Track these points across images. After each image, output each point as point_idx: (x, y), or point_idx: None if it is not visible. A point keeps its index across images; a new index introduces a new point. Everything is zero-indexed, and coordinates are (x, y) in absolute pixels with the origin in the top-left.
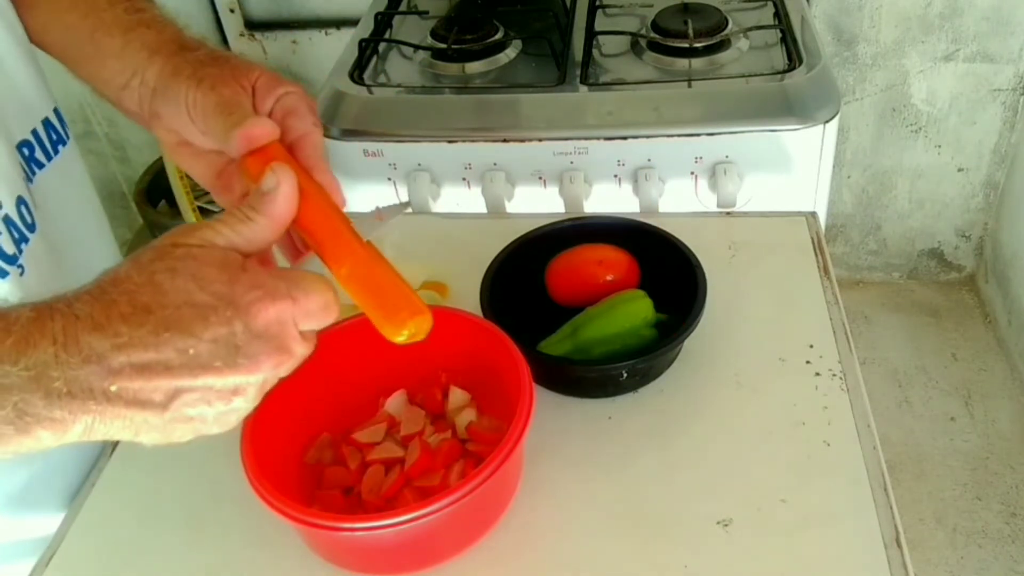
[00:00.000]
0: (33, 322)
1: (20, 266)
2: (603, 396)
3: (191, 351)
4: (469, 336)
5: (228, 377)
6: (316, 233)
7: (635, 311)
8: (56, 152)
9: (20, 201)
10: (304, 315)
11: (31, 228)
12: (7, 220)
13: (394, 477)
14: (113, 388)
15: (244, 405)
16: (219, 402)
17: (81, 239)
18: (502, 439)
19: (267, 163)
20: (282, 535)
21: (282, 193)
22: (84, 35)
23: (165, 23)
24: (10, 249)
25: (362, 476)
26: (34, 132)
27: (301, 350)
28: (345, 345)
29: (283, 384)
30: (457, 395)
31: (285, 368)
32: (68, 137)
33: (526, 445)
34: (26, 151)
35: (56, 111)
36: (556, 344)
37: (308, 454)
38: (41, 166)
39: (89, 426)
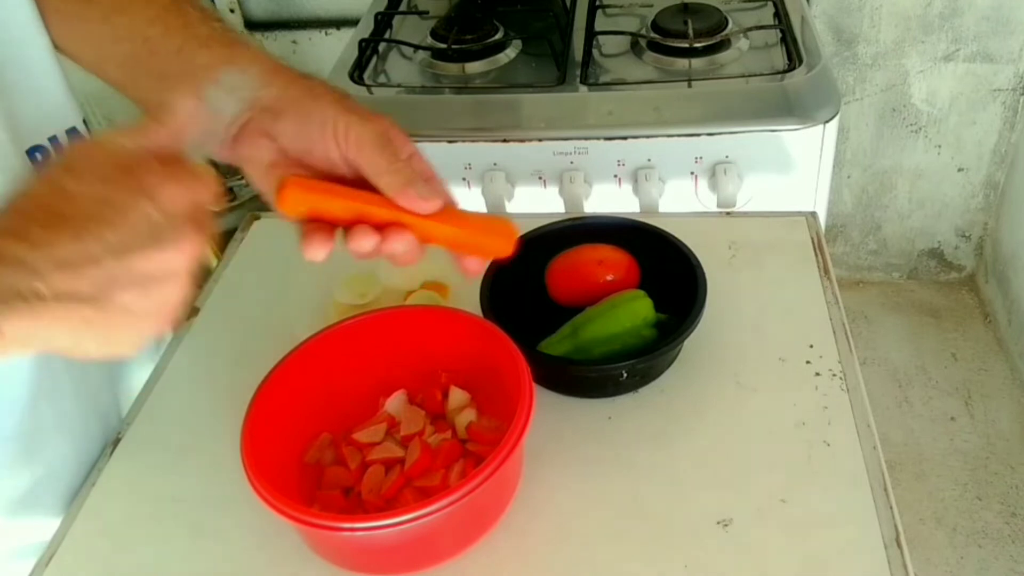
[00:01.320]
0: None
1: None
2: (603, 396)
3: (112, 239)
4: (469, 336)
5: (154, 257)
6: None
7: (635, 311)
8: None
9: None
10: (199, 188)
11: None
12: None
13: (394, 477)
14: (39, 285)
15: (177, 289)
16: (152, 286)
17: None
18: (502, 439)
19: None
20: (282, 535)
21: (179, 106)
22: (169, 50)
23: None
24: None
25: (362, 476)
26: (53, 139)
27: (210, 226)
28: (345, 345)
29: (283, 384)
30: (457, 395)
31: (203, 244)
32: None
33: (526, 445)
34: (38, 156)
35: (86, 122)
36: (556, 344)
37: (308, 454)
38: None
39: (26, 332)
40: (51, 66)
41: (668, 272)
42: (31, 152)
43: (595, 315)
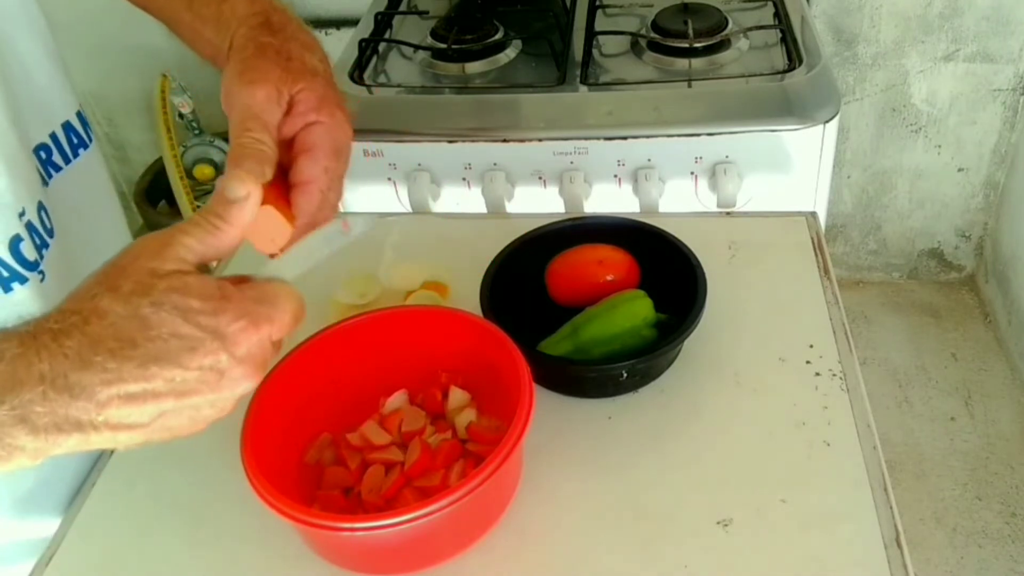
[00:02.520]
0: (19, 359)
1: (41, 272)
2: (603, 396)
3: (178, 379)
4: (469, 336)
5: (211, 396)
6: None
7: (635, 311)
8: (76, 155)
9: (41, 207)
10: (279, 330)
11: (51, 234)
12: (30, 226)
13: (394, 477)
14: (100, 418)
15: (222, 413)
16: (202, 416)
17: (98, 245)
18: (502, 439)
19: None
20: (282, 535)
21: (250, 203)
22: (183, 3)
23: None
24: (31, 255)
25: (362, 476)
26: (52, 135)
27: (272, 359)
28: (345, 345)
29: (283, 384)
30: (457, 395)
31: (257, 380)
32: (90, 141)
33: (526, 445)
34: (43, 154)
35: (79, 114)
36: (556, 344)
37: (308, 454)
38: (58, 169)
39: (71, 448)
40: (44, 61)
41: (668, 272)
42: (36, 151)
43: (595, 315)
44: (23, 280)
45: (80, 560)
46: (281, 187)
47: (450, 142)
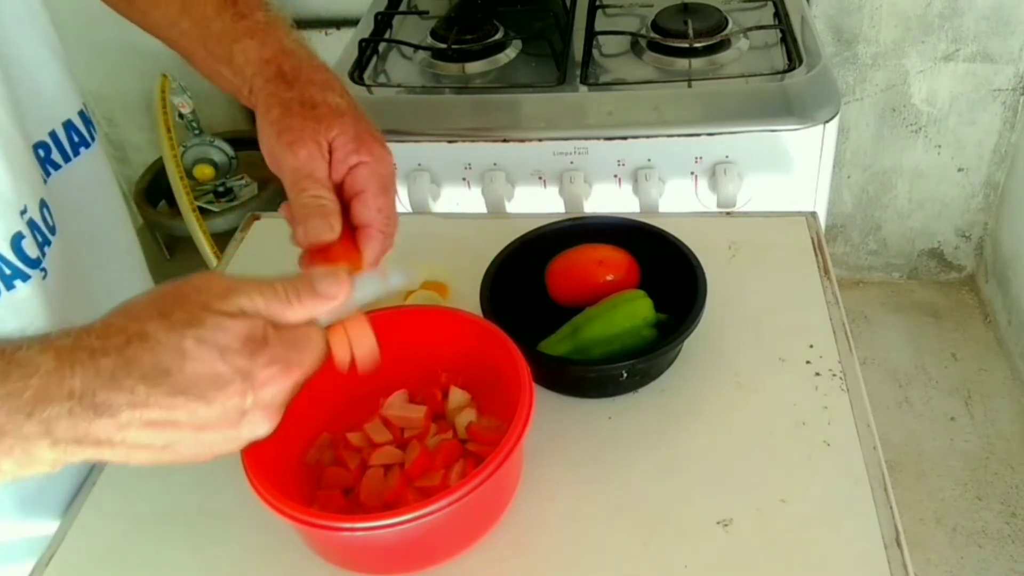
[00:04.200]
0: (53, 374)
1: (43, 269)
2: (603, 396)
3: (200, 413)
4: (469, 336)
5: (228, 433)
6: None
7: (635, 311)
8: (77, 154)
9: (43, 204)
10: (303, 374)
11: (53, 231)
12: (32, 223)
13: (394, 477)
14: (118, 437)
15: (231, 450)
16: (213, 448)
17: (101, 243)
18: (502, 439)
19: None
20: (281, 535)
21: (332, 304)
22: (197, 41)
23: (268, 30)
24: (33, 253)
25: (362, 476)
26: (52, 134)
27: (281, 410)
28: None
29: None
30: (457, 395)
31: (271, 426)
32: (93, 140)
33: (526, 445)
34: (41, 152)
35: (82, 113)
36: (556, 344)
37: (308, 454)
38: (57, 167)
39: (85, 459)
40: (47, 59)
41: (668, 272)
42: (34, 148)
43: (595, 315)
44: (25, 277)
45: (80, 560)
46: (345, 230)
47: (450, 142)
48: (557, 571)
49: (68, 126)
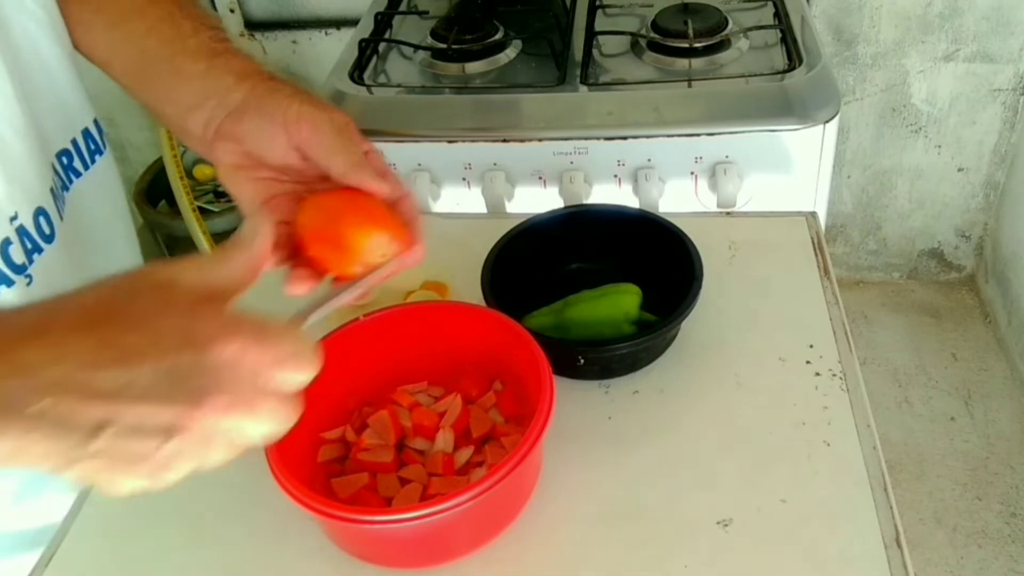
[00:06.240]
0: None
1: (28, 276)
2: (561, 375)
3: (128, 378)
4: (488, 331)
5: (162, 411)
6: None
7: (620, 303)
8: (93, 161)
9: (39, 212)
10: (273, 362)
11: (48, 239)
12: (21, 230)
13: (412, 472)
14: (37, 407)
15: (181, 453)
16: (150, 441)
17: (105, 251)
18: (522, 437)
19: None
20: (281, 534)
21: (260, 236)
22: (162, 59)
23: (250, 55)
24: (19, 259)
25: (378, 471)
26: (73, 142)
27: (270, 405)
28: (360, 341)
29: None
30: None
31: (243, 418)
32: (105, 148)
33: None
34: (65, 160)
35: (96, 121)
36: (541, 317)
37: (324, 451)
38: (78, 175)
39: (14, 448)
40: (67, 68)
41: (668, 272)
42: (58, 156)
43: (584, 298)
44: (9, 283)
45: (80, 560)
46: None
47: (450, 142)
48: (556, 571)
49: (86, 134)
